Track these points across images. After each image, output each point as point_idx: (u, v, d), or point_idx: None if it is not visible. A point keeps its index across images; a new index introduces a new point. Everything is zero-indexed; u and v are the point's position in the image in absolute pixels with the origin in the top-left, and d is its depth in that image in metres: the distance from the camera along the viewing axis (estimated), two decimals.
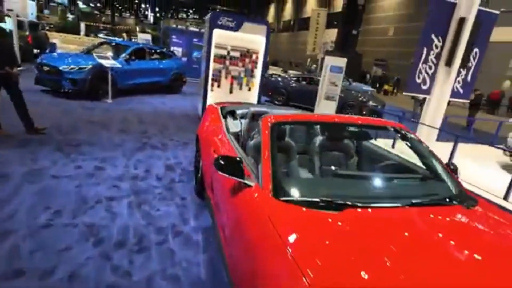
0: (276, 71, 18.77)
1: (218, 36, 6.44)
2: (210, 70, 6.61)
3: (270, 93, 11.27)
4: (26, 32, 12.28)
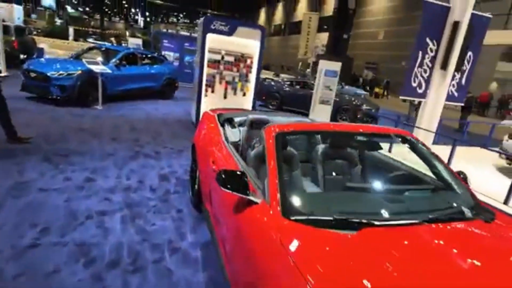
0: (268, 75, 18.72)
1: (211, 40, 6.31)
2: (203, 75, 6.46)
3: (264, 97, 11.16)
4: (12, 37, 11.97)
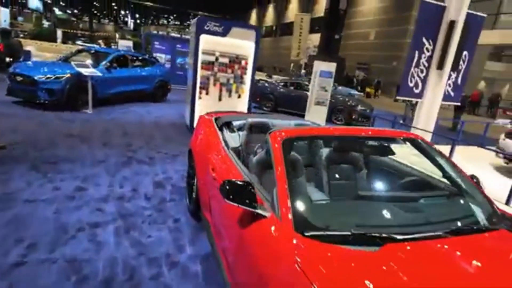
0: (261, 77, 18.61)
1: (205, 42, 6.15)
2: (197, 77, 6.30)
3: (258, 99, 11.03)
4: None
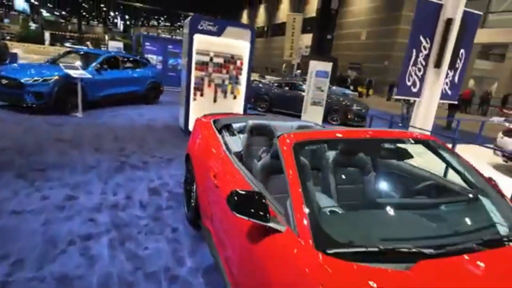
0: (254, 77, 18.49)
1: (199, 41, 5.97)
2: (192, 78, 6.11)
3: (253, 99, 10.88)
4: None
